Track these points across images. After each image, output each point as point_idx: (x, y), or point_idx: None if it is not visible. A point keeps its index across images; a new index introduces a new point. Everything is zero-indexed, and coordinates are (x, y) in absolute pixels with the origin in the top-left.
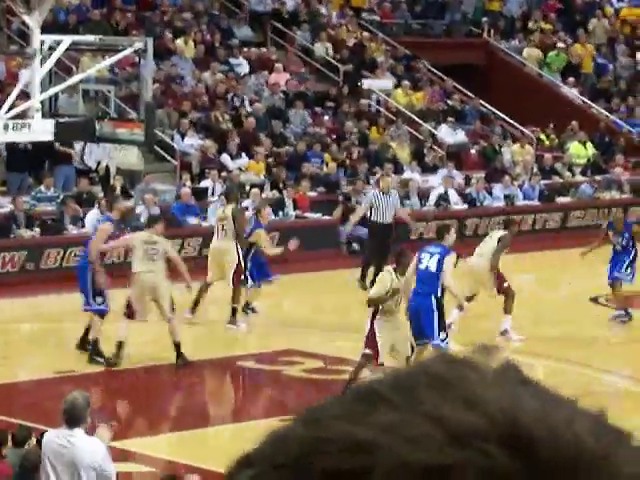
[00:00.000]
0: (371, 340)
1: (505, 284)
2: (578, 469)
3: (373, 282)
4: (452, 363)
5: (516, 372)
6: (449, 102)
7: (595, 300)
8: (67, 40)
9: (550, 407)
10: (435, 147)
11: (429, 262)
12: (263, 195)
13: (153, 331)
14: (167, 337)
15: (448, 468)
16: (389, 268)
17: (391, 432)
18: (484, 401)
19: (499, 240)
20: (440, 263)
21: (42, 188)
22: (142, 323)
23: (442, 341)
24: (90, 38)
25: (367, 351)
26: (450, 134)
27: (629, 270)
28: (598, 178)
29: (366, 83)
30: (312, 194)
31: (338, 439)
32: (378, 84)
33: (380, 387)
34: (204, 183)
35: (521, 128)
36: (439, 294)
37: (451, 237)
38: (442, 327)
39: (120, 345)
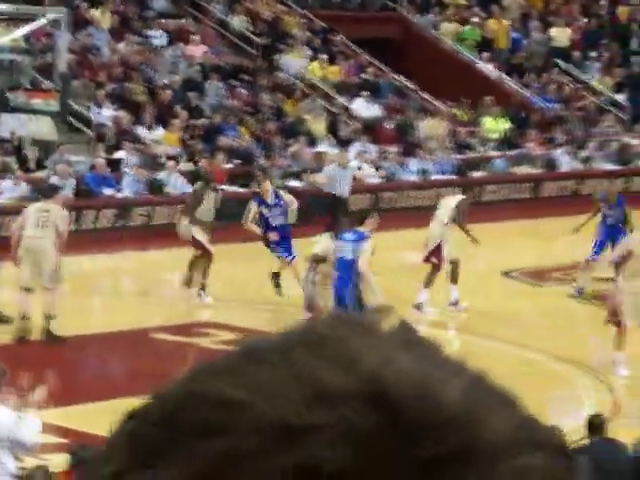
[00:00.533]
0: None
1: (433, 259)
2: (442, 430)
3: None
4: (337, 323)
5: (405, 334)
6: (364, 76)
7: (507, 274)
8: None
9: (427, 369)
10: (350, 121)
11: (347, 249)
12: (178, 167)
13: (66, 304)
14: (78, 308)
15: (308, 427)
16: (329, 234)
17: (259, 390)
18: (357, 361)
19: (457, 206)
20: (357, 250)
21: None
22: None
23: None
24: (4, 7)
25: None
26: (365, 108)
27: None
28: (511, 153)
29: (282, 57)
30: (227, 166)
31: (208, 395)
32: (294, 57)
33: (261, 345)
34: (119, 154)
35: (436, 103)
36: (357, 280)
37: (371, 223)
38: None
39: (24, 317)
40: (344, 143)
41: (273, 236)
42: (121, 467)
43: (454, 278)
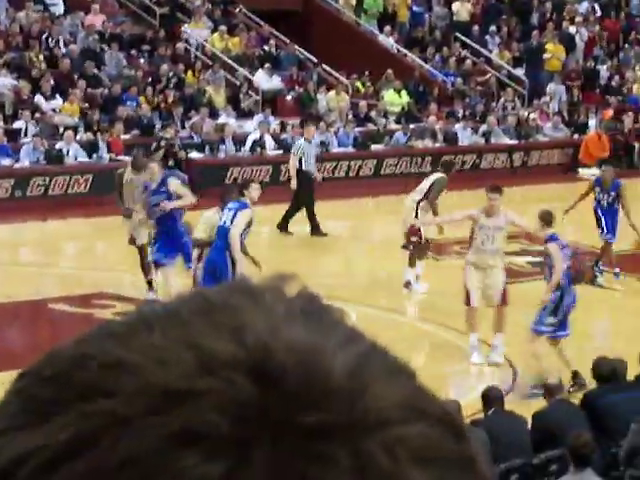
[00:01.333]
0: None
1: (414, 238)
2: (326, 398)
3: (314, 229)
4: (230, 291)
5: (303, 303)
6: (265, 48)
7: (406, 247)
8: None
9: (318, 339)
10: (251, 92)
11: (226, 217)
12: (77, 137)
13: None
14: None
15: (193, 392)
16: (215, 209)
17: (147, 354)
18: (246, 329)
19: (433, 183)
20: (234, 218)
21: None
22: None
23: None
24: None
25: None
26: (266, 80)
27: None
28: (412, 126)
29: (182, 27)
30: (126, 137)
31: (99, 357)
32: (194, 28)
33: (154, 311)
34: (17, 124)
35: (337, 75)
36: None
37: (253, 193)
38: None
39: None
40: (245, 115)
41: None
42: (8, 424)
43: (417, 257)
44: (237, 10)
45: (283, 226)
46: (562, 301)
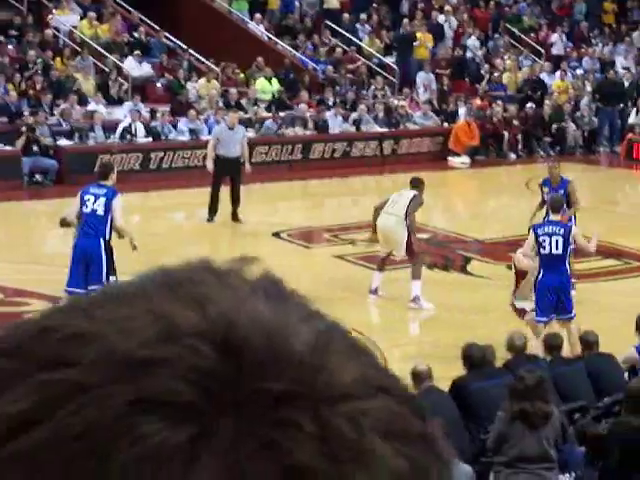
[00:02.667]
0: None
1: (414, 247)
2: (287, 369)
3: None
4: (196, 268)
5: (266, 284)
6: (135, 35)
7: (277, 235)
8: None
9: (280, 315)
10: (120, 79)
11: (95, 204)
12: None
13: None
14: None
15: (155, 360)
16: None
17: (111, 324)
18: (210, 303)
19: (411, 200)
20: (108, 205)
21: None
22: None
23: None
24: None
25: None
26: (136, 67)
27: None
28: (282, 114)
29: (50, 13)
30: None
31: (61, 328)
32: (63, 14)
33: (119, 286)
34: None
35: (207, 62)
36: (107, 237)
37: (114, 176)
38: (111, 271)
39: None
40: (114, 102)
41: None
42: None
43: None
44: None
45: (235, 217)
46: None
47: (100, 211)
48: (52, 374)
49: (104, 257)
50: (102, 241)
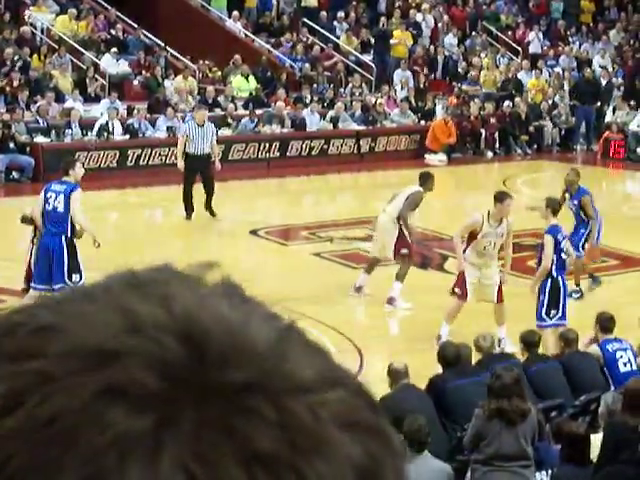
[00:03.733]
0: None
1: (404, 250)
2: (248, 363)
3: (209, 209)
4: (159, 270)
5: (228, 287)
6: (112, 32)
7: (254, 233)
8: None
9: (241, 315)
10: (98, 77)
11: (56, 202)
12: None
13: None
14: None
15: (119, 353)
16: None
17: (78, 318)
18: (173, 300)
19: (407, 198)
20: (67, 201)
21: None
22: None
23: (76, 283)
24: None
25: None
26: (113, 64)
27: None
28: (259, 112)
29: (27, 10)
30: None
31: (28, 323)
32: (40, 12)
33: (87, 286)
34: None
35: (184, 60)
36: (69, 234)
37: (77, 172)
38: (74, 269)
39: None
40: (91, 99)
41: None
42: None
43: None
44: None
45: (210, 212)
46: (561, 292)
47: (60, 208)
48: (21, 365)
49: (66, 255)
50: (64, 239)
